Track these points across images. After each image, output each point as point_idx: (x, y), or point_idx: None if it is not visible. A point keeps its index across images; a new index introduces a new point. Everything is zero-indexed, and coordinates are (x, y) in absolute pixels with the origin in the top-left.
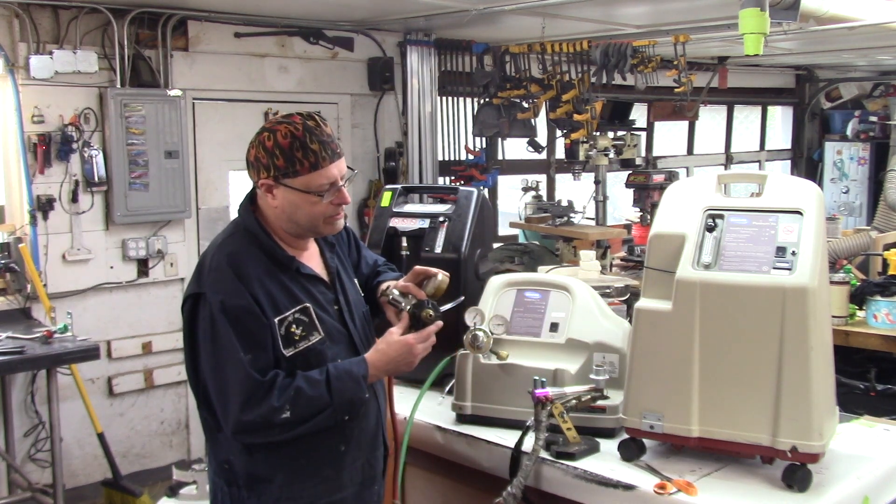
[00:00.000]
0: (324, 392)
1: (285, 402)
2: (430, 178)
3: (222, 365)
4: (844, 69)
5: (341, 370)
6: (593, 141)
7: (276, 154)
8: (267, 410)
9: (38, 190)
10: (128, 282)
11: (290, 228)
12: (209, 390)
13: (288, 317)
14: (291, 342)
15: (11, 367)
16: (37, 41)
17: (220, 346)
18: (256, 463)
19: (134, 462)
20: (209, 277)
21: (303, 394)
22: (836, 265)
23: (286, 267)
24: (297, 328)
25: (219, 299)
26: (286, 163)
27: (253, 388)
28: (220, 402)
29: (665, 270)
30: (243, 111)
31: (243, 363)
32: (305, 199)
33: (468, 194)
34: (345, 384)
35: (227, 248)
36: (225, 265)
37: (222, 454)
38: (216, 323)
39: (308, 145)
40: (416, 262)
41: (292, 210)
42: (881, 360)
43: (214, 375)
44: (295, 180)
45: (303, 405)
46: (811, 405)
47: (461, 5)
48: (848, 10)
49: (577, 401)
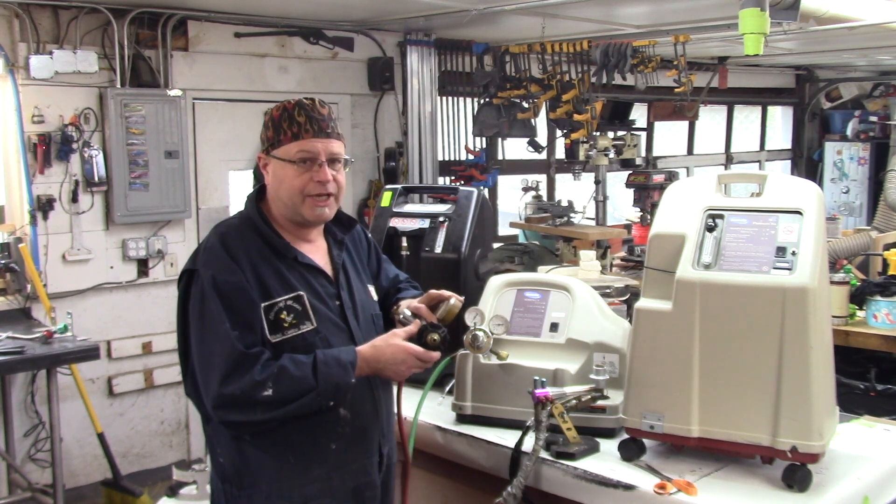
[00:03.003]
0: (308, 373)
1: (267, 379)
2: (430, 178)
3: (208, 338)
4: (844, 69)
5: (329, 355)
6: (593, 141)
7: (269, 126)
8: (248, 384)
9: (38, 190)
10: (128, 282)
11: (281, 209)
12: (196, 368)
13: (279, 302)
14: (279, 328)
15: (11, 367)
16: (37, 41)
17: (208, 319)
18: (244, 457)
19: (134, 462)
20: (203, 255)
21: (286, 372)
22: (836, 265)
23: (282, 254)
24: (287, 315)
25: (210, 274)
26: (274, 133)
27: (236, 359)
28: (203, 376)
29: (665, 270)
30: (243, 111)
31: (229, 335)
32: (287, 170)
33: (468, 194)
34: (331, 368)
35: (221, 228)
36: (217, 244)
37: (214, 447)
38: (206, 297)
39: (295, 117)
40: (416, 262)
41: (277, 184)
42: (881, 360)
43: (200, 349)
44: (279, 150)
45: (286, 384)
46: (811, 405)
47: (461, 5)
48: (848, 10)
49: (577, 401)
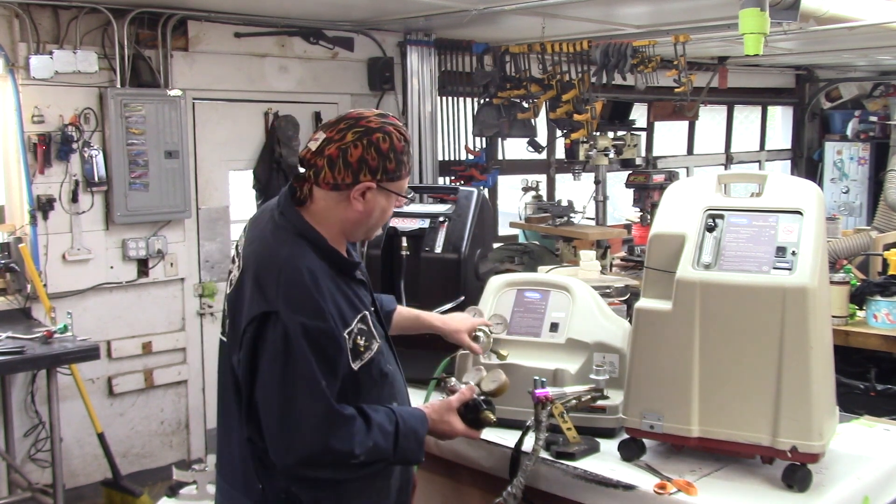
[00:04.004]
0: (391, 446)
1: (363, 453)
2: (430, 178)
3: (296, 393)
4: (844, 69)
5: (409, 429)
6: (593, 141)
7: (391, 157)
8: (349, 451)
9: (38, 190)
10: (128, 282)
11: (353, 232)
12: (265, 416)
13: (353, 328)
14: (358, 355)
15: (11, 367)
16: (37, 41)
17: (297, 372)
18: (320, 487)
19: (134, 462)
20: (283, 294)
21: (378, 447)
22: (836, 265)
23: (347, 274)
24: (360, 339)
25: (299, 321)
26: (396, 166)
27: (338, 420)
28: (285, 429)
29: (665, 270)
30: (243, 111)
31: (324, 393)
32: (390, 202)
33: (468, 194)
34: (409, 443)
35: (297, 259)
36: (304, 280)
37: (280, 483)
38: (293, 345)
39: (410, 153)
40: (416, 262)
41: (378, 213)
42: (881, 360)
43: (283, 403)
44: (396, 184)
45: (373, 455)
46: (811, 405)
47: (461, 5)
48: (848, 10)
49: (577, 401)
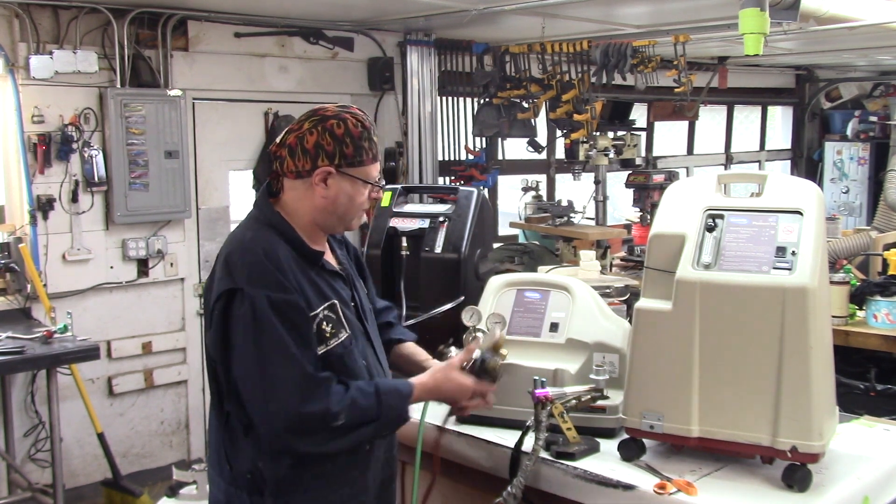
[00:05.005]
0: (374, 404)
1: (341, 410)
2: (430, 178)
3: (270, 362)
4: (844, 69)
5: (388, 386)
6: (593, 141)
7: (347, 142)
8: (324, 411)
9: (38, 190)
10: (128, 282)
11: (326, 222)
12: (246, 390)
13: (318, 314)
14: (322, 340)
15: (11, 367)
16: (37, 41)
17: (268, 342)
18: (286, 468)
19: (134, 462)
20: (245, 272)
21: (357, 404)
22: (836, 265)
23: (313, 263)
24: (326, 325)
25: (263, 294)
26: (355, 151)
27: (309, 383)
28: (266, 399)
29: (665, 270)
30: (243, 111)
31: (297, 358)
32: (359, 189)
33: (468, 194)
34: (393, 399)
35: (259, 242)
36: (263, 259)
37: (246, 462)
38: (261, 319)
39: (372, 138)
40: (416, 262)
41: (345, 200)
42: (881, 360)
43: (259, 373)
44: (358, 170)
45: (355, 414)
46: (811, 405)
47: (461, 5)
48: (848, 10)
49: (577, 401)
